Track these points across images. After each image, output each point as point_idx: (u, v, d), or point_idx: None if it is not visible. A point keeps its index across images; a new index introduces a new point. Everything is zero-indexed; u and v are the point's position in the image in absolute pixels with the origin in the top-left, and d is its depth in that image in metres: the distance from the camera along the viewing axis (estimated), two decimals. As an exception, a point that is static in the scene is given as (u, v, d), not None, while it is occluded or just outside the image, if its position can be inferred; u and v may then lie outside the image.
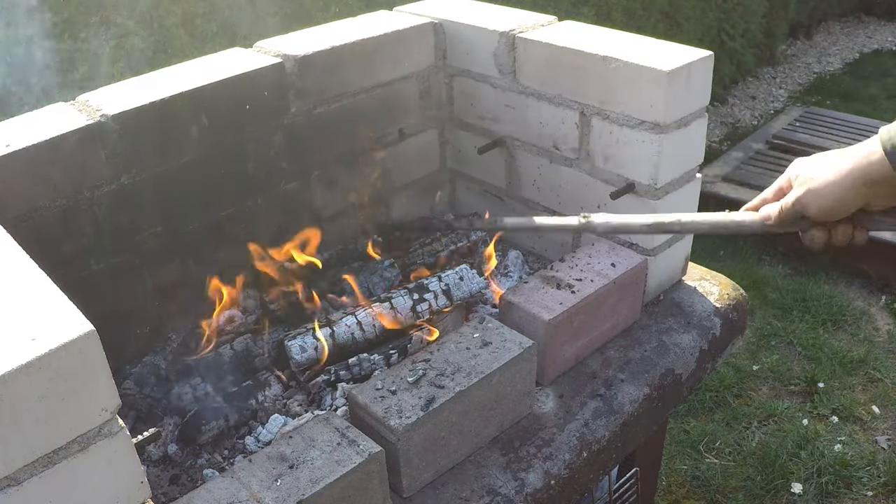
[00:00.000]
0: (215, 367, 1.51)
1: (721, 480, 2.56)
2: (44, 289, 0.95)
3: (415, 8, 1.96)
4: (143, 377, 1.53)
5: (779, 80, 6.00)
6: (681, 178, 1.67)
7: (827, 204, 1.08)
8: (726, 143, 4.94)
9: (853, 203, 1.07)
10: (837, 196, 1.07)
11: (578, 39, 1.67)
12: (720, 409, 2.87)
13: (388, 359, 1.53)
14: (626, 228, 1.45)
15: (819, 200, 1.08)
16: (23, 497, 0.87)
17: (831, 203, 1.08)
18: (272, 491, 1.13)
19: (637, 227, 1.40)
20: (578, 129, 1.71)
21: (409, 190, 2.03)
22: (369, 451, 1.19)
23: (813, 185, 1.09)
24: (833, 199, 1.07)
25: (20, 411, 0.84)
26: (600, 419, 1.51)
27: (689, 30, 4.84)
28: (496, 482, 1.37)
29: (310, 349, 1.51)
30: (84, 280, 1.47)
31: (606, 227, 1.45)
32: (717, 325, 1.76)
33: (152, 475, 1.36)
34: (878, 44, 6.77)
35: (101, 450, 0.92)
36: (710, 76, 1.61)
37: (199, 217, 1.62)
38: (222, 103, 1.56)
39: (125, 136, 1.45)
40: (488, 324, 1.46)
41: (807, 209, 1.11)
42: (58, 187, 1.39)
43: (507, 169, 1.94)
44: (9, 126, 1.41)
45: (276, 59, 1.65)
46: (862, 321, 3.31)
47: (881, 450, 2.67)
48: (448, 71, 1.95)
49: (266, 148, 1.68)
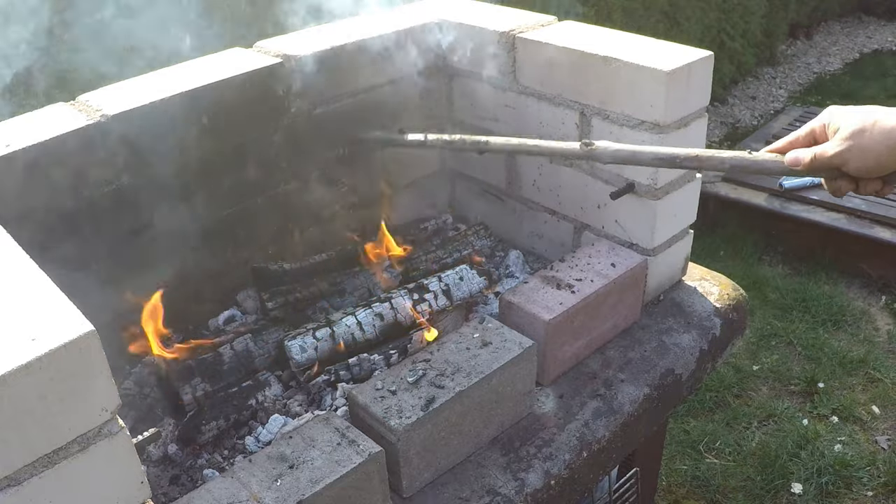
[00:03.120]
0: (215, 367, 1.51)
1: (721, 480, 2.56)
2: (44, 289, 0.95)
3: (415, 8, 1.96)
4: (143, 377, 1.54)
5: (779, 81, 6.00)
6: (681, 178, 1.67)
7: (870, 164, 1.07)
8: (726, 144, 4.94)
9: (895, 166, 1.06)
10: (882, 157, 1.06)
11: (578, 39, 1.67)
12: (720, 409, 2.87)
13: (388, 359, 1.53)
14: (635, 159, 1.35)
15: (863, 159, 1.07)
16: (23, 497, 0.87)
17: (874, 163, 1.07)
18: (272, 491, 1.13)
19: (648, 159, 1.31)
20: (578, 129, 1.71)
21: (409, 190, 2.03)
22: (369, 451, 1.19)
23: (859, 143, 1.07)
24: (876, 160, 1.06)
25: (20, 411, 0.84)
26: (600, 419, 1.51)
27: (689, 30, 4.84)
28: (496, 482, 1.37)
29: (310, 349, 1.51)
30: (84, 280, 1.47)
31: (612, 156, 1.35)
32: (717, 325, 1.76)
33: (152, 475, 1.36)
34: (878, 44, 6.76)
35: (101, 450, 0.92)
36: (710, 76, 1.61)
37: (199, 217, 1.62)
38: (222, 103, 1.56)
39: (125, 136, 1.45)
40: (488, 324, 1.46)
41: (846, 164, 1.09)
42: (58, 187, 1.39)
43: (507, 169, 1.94)
44: (9, 126, 1.41)
45: (276, 59, 1.65)
46: (862, 321, 3.31)
47: (881, 450, 2.67)
48: (448, 71, 1.95)
49: (266, 148, 1.68)
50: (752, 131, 4.95)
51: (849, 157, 1.08)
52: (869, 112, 1.08)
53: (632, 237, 1.71)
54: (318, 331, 1.53)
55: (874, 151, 1.06)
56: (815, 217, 3.61)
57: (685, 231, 1.78)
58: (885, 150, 1.05)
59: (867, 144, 1.06)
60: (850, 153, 1.08)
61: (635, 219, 1.68)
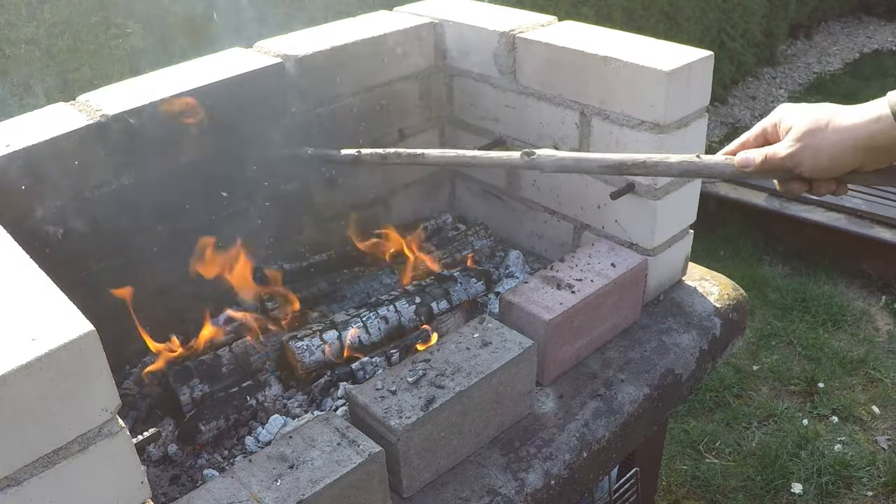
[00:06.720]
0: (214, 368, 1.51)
1: (721, 480, 2.56)
2: (44, 289, 0.95)
3: (415, 8, 1.96)
4: (143, 377, 1.53)
5: (779, 81, 6.00)
6: (681, 178, 1.67)
7: (824, 164, 1.03)
8: (726, 143, 4.93)
9: (850, 166, 1.02)
10: (836, 158, 1.02)
11: (578, 39, 1.67)
12: (720, 409, 2.87)
13: (388, 359, 1.53)
14: (580, 167, 1.32)
15: (817, 160, 1.03)
16: (23, 497, 0.87)
17: (829, 163, 1.03)
18: (272, 491, 1.13)
19: (594, 167, 1.27)
20: (578, 129, 1.71)
21: (409, 190, 2.03)
22: (369, 452, 1.19)
23: (812, 143, 1.03)
24: (830, 161, 1.02)
25: (20, 411, 0.84)
26: (600, 419, 1.51)
27: (689, 30, 4.84)
28: (496, 482, 1.37)
29: (317, 351, 1.51)
30: (84, 280, 1.47)
31: (554, 165, 1.30)
32: (717, 325, 1.76)
33: (152, 475, 1.36)
34: (878, 44, 6.76)
35: (101, 450, 0.92)
36: (710, 76, 1.61)
37: (199, 217, 1.62)
38: (222, 103, 1.56)
39: (125, 136, 1.45)
40: (488, 324, 1.46)
41: (800, 166, 1.05)
42: (58, 187, 1.39)
43: (507, 169, 1.94)
44: (9, 126, 1.41)
45: (276, 59, 1.65)
46: (862, 321, 3.31)
47: (881, 450, 2.67)
48: (448, 71, 1.95)
49: (266, 147, 1.68)
50: (752, 131, 4.95)
51: (801, 158, 1.04)
52: (822, 110, 1.04)
53: (632, 237, 1.71)
54: (324, 332, 1.53)
55: (828, 151, 1.02)
56: (815, 217, 3.61)
57: (685, 231, 1.78)
58: (840, 150, 1.01)
59: (820, 144, 1.02)
60: (803, 154, 1.04)
61: (635, 219, 1.68)
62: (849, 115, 1.01)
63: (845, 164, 1.03)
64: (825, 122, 1.02)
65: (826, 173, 1.05)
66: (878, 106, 0.98)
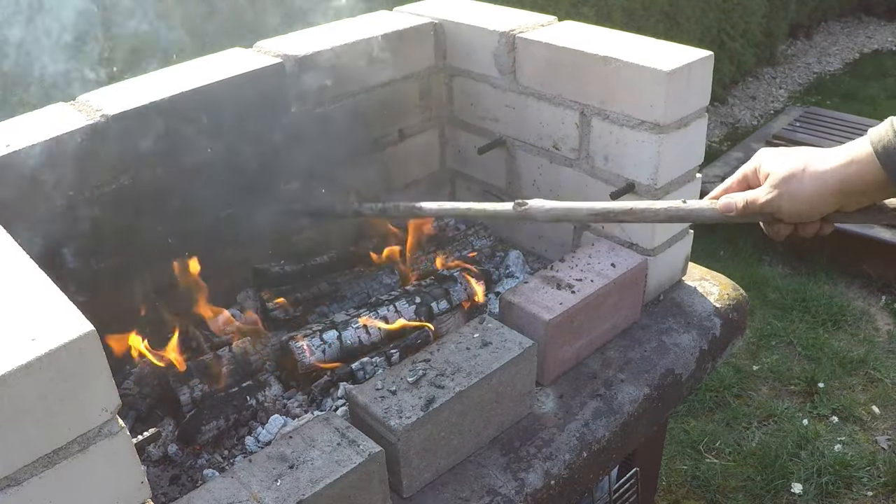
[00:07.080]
0: (213, 368, 1.51)
1: (721, 480, 2.56)
2: (44, 289, 0.95)
3: (415, 8, 1.96)
4: (143, 377, 1.53)
5: (779, 81, 6.00)
6: (681, 178, 1.67)
7: (803, 209, 1.05)
8: (726, 144, 4.94)
9: (830, 208, 1.05)
10: (814, 203, 1.04)
11: (578, 39, 1.67)
12: (720, 409, 2.87)
13: (388, 359, 1.53)
14: (570, 216, 1.35)
15: (795, 205, 1.05)
16: (23, 497, 0.87)
17: (807, 208, 1.05)
18: (272, 491, 1.13)
19: (583, 216, 1.30)
20: (578, 129, 1.71)
21: (409, 190, 2.03)
22: (369, 452, 1.19)
23: (789, 189, 1.05)
24: (809, 206, 1.04)
25: (20, 411, 0.84)
26: (600, 419, 1.51)
27: (689, 30, 4.84)
28: (496, 482, 1.37)
29: (317, 351, 1.51)
30: (84, 280, 1.47)
31: (546, 215, 1.33)
32: (717, 325, 1.76)
33: (152, 475, 1.36)
34: (878, 44, 6.76)
35: (101, 450, 0.92)
36: (710, 76, 1.61)
37: (199, 217, 1.62)
38: (222, 103, 1.56)
39: (125, 136, 1.45)
40: (488, 324, 1.46)
41: (779, 211, 1.07)
42: (58, 187, 1.39)
43: (507, 169, 1.94)
44: (9, 126, 1.41)
45: (276, 59, 1.65)
46: (862, 321, 3.31)
47: (881, 450, 2.67)
48: (448, 71, 1.95)
49: (266, 148, 1.68)
50: (752, 131, 4.95)
51: (779, 203, 1.06)
52: (799, 157, 1.06)
53: (632, 237, 1.71)
54: (325, 333, 1.53)
55: (805, 197, 1.04)
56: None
57: (685, 231, 1.78)
58: (817, 195, 1.03)
59: (797, 191, 1.04)
60: (781, 200, 1.06)
61: (635, 219, 1.68)
62: (824, 160, 1.03)
63: (824, 208, 1.05)
64: (801, 169, 1.04)
65: (806, 217, 1.07)
66: (852, 149, 1.00)
